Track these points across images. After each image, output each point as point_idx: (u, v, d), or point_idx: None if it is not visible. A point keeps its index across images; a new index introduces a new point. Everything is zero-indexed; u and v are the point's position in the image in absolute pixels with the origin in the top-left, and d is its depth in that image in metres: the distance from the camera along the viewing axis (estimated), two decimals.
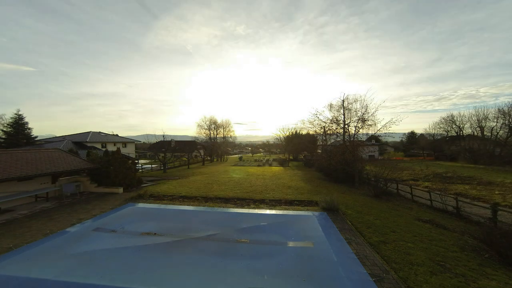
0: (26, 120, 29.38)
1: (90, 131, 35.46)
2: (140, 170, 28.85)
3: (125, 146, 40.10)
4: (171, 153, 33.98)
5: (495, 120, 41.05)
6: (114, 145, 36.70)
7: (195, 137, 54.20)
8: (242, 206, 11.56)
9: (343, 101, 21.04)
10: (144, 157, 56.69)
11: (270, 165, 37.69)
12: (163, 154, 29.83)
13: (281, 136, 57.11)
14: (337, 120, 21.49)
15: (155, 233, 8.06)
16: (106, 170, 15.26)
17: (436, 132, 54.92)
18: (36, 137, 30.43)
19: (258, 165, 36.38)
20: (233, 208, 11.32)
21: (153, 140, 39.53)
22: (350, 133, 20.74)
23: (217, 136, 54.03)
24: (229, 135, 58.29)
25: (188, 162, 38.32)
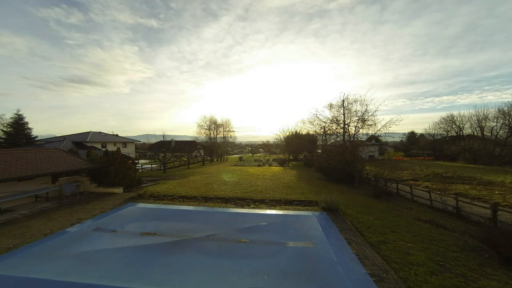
0: (26, 120, 29.39)
1: (90, 131, 35.48)
2: (140, 170, 28.85)
3: (125, 146, 40.12)
4: (171, 153, 33.97)
5: (495, 120, 41.07)
6: (114, 145, 36.72)
7: (195, 137, 54.20)
8: (242, 206, 11.56)
9: (343, 101, 21.05)
10: (144, 157, 56.70)
11: (270, 165, 37.68)
12: (163, 154, 29.83)
13: (281, 136, 57.10)
14: (337, 120, 21.49)
15: (155, 233, 8.06)
16: (106, 170, 15.26)
17: (436, 132, 54.93)
18: (36, 137, 30.42)
19: (258, 165, 36.37)
20: (233, 208, 11.32)
21: (153, 140, 39.53)
22: (350, 133, 20.74)
23: (217, 136, 54.01)
24: (229, 135, 58.29)
25: (188, 162, 38.30)
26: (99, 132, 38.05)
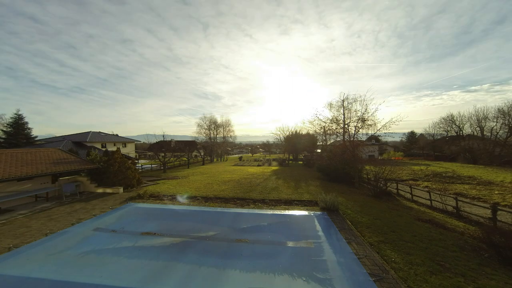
0: (26, 120, 29.37)
1: (90, 131, 35.45)
2: (140, 170, 28.87)
3: (125, 146, 40.10)
4: (171, 153, 33.96)
5: (495, 120, 41.04)
6: (114, 145, 36.69)
7: (195, 137, 54.18)
8: (242, 206, 11.56)
9: (343, 101, 21.06)
10: (144, 157, 56.72)
11: (270, 165, 37.70)
12: (163, 154, 29.83)
13: (281, 136, 57.08)
14: (337, 120, 21.51)
15: (155, 233, 8.07)
16: (106, 170, 15.27)
17: (436, 132, 54.92)
18: (36, 137, 30.40)
19: (258, 165, 36.39)
20: (233, 208, 11.32)
21: (153, 140, 39.52)
22: (350, 133, 20.75)
23: (217, 136, 53.97)
24: (229, 135, 58.26)
25: (188, 162, 38.29)
26: (99, 132, 38.02)
